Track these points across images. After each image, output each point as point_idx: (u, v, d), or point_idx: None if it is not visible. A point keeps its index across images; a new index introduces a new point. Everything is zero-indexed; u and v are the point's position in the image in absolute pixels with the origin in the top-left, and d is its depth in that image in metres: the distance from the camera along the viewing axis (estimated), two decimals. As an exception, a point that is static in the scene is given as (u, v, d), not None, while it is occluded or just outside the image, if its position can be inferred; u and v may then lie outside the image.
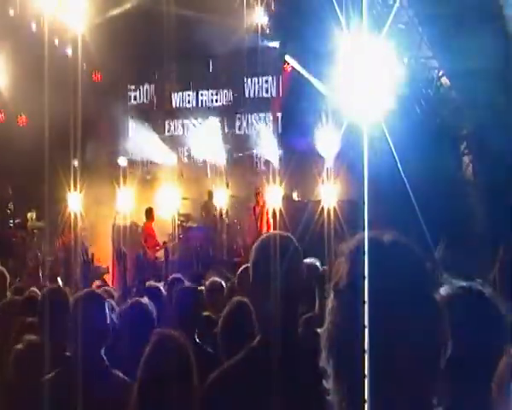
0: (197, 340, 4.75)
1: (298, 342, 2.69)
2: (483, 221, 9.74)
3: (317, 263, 6.12)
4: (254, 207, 16.70)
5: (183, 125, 20.30)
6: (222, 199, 17.85)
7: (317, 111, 15.06)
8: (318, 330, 1.73)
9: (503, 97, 8.32)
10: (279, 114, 19.47)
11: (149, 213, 16.45)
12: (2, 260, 10.49)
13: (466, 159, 11.43)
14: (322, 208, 13.82)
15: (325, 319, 1.70)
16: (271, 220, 15.83)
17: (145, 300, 4.89)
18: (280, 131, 19.33)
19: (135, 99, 20.62)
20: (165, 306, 5.64)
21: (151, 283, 6.89)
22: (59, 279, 12.84)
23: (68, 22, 16.66)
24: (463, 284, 2.45)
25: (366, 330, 1.49)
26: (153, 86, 20.52)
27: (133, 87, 20.49)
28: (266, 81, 19.64)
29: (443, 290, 2.38)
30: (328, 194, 14.65)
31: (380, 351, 1.50)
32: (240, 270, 6.09)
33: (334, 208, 13.88)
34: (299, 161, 16.77)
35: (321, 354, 1.68)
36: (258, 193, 16.66)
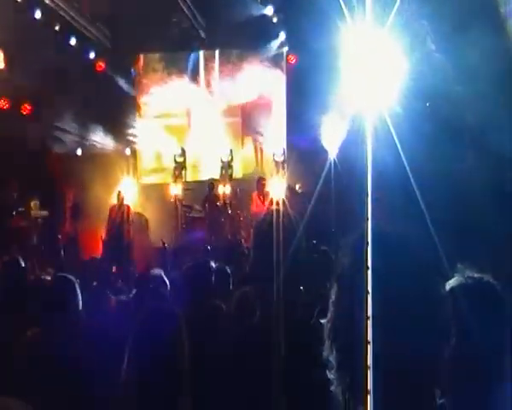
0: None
1: (297, 320, 2.71)
2: (486, 215, 9.71)
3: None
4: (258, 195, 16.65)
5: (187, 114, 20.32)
6: (225, 190, 17.90)
7: (321, 104, 15.04)
8: (322, 320, 1.74)
9: (508, 90, 8.30)
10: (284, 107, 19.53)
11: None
12: (6, 249, 10.48)
13: (470, 152, 11.40)
14: (326, 200, 13.81)
15: (329, 309, 1.71)
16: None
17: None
18: (284, 123, 19.37)
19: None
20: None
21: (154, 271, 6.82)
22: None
23: (73, 11, 16.65)
24: (474, 274, 2.44)
25: (369, 321, 1.50)
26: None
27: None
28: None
29: (453, 280, 2.39)
30: (332, 186, 14.63)
31: (383, 342, 1.51)
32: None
33: (338, 200, 13.87)
34: (303, 154, 16.78)
35: (324, 344, 1.69)
36: (262, 183, 16.66)
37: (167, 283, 6.08)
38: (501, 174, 8.32)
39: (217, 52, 19.97)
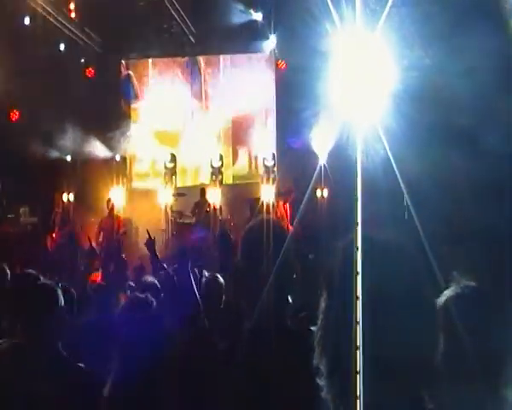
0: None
1: (286, 329, 2.70)
2: (478, 219, 9.73)
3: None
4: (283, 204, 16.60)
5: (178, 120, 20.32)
6: (215, 196, 17.88)
7: (311, 109, 15.07)
8: (312, 328, 1.74)
9: (497, 94, 8.33)
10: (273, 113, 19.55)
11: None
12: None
13: (460, 157, 11.41)
14: (317, 206, 13.86)
15: (319, 317, 1.70)
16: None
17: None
18: (274, 129, 19.40)
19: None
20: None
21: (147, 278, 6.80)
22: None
23: (61, 17, 16.63)
24: (471, 283, 2.45)
25: (359, 327, 1.49)
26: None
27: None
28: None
29: (450, 290, 2.39)
30: (322, 191, 14.69)
31: (372, 347, 1.51)
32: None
33: (329, 206, 13.91)
34: (294, 159, 16.80)
35: (315, 352, 1.69)
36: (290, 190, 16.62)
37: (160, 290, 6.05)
38: (495, 175, 8.34)
39: (207, 57, 19.99)
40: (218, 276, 6.46)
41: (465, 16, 8.92)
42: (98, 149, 18.56)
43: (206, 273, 6.47)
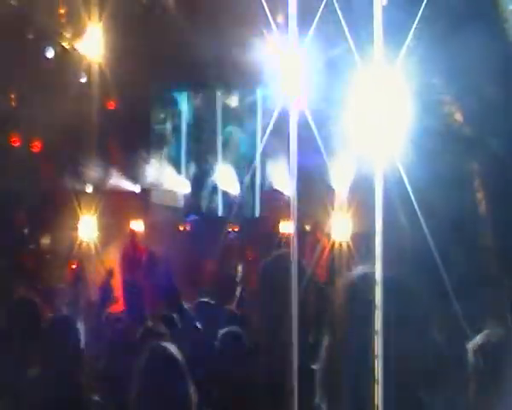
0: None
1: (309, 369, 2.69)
2: (499, 257, 9.67)
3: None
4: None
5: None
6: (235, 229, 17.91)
7: (331, 144, 15.08)
8: (314, 366, 1.72)
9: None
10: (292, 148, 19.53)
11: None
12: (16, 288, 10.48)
13: (479, 195, 11.36)
14: (334, 241, 13.76)
15: (321, 356, 1.68)
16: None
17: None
18: (294, 163, 19.38)
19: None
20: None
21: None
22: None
23: (83, 49, 16.81)
24: (498, 330, 2.48)
25: (377, 362, 1.50)
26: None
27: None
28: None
29: (479, 338, 2.42)
30: (341, 227, 14.58)
31: (392, 382, 1.51)
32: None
33: (347, 242, 13.81)
34: (312, 193, 16.78)
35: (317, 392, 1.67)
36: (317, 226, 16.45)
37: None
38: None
39: (224, 94, 20.10)
40: (238, 330, 5.83)
41: (484, 51, 8.94)
42: (120, 180, 18.66)
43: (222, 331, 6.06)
